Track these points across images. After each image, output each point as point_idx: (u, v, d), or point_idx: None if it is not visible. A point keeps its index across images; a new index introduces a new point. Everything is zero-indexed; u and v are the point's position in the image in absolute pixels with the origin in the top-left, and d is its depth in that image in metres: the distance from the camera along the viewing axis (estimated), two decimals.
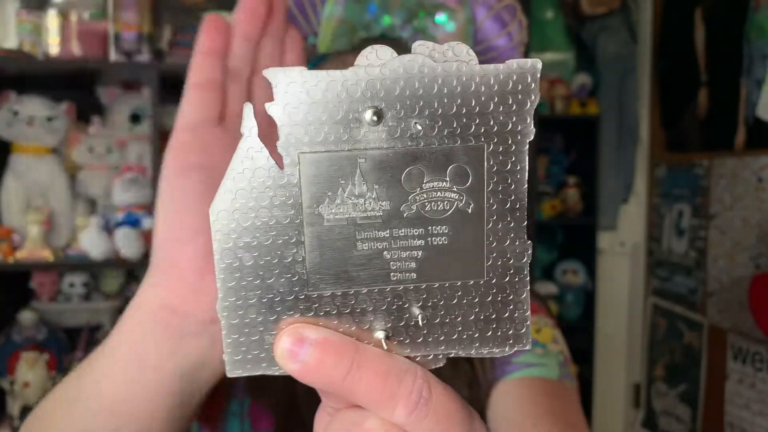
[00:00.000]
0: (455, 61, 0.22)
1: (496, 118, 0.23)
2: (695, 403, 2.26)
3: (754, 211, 1.95)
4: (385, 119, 0.22)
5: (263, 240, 0.23)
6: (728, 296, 2.08)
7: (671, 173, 2.40)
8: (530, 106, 0.23)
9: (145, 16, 1.67)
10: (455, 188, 0.23)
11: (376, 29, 0.62)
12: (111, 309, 1.91)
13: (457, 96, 0.22)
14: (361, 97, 0.22)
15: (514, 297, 0.25)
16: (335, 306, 0.24)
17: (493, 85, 0.23)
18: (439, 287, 0.24)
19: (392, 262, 0.23)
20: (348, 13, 0.61)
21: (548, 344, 0.69)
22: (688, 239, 2.29)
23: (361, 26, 0.62)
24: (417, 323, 0.24)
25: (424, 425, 0.23)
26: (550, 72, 2.49)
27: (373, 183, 0.23)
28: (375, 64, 0.22)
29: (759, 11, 1.91)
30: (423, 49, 0.22)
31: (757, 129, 1.93)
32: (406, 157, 0.23)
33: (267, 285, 0.23)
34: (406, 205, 0.23)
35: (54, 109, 1.74)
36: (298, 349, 0.23)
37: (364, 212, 0.23)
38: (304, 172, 0.22)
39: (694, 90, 2.25)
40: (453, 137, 0.23)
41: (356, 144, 0.22)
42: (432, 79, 0.22)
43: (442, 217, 0.23)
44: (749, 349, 1.97)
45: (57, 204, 1.74)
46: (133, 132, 1.85)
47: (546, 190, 2.45)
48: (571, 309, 2.43)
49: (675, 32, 2.39)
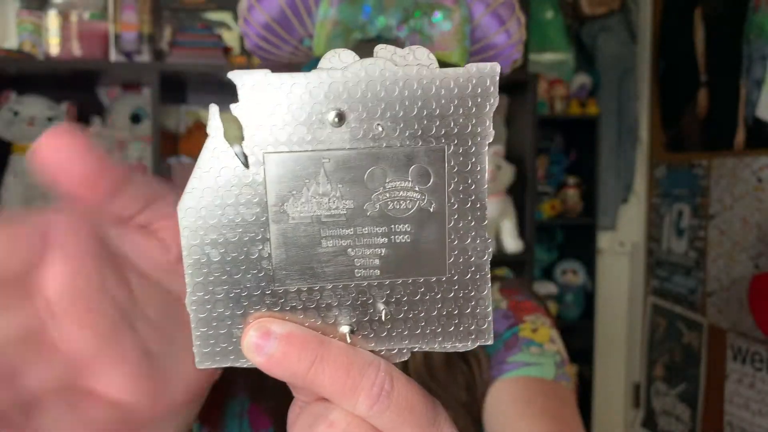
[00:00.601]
0: (416, 65, 0.23)
1: (457, 120, 0.24)
2: (695, 403, 2.26)
3: (754, 211, 1.95)
4: (347, 121, 0.23)
5: (230, 237, 0.23)
6: (728, 296, 2.08)
7: (671, 173, 2.41)
8: (489, 109, 0.24)
9: (145, 16, 1.67)
10: (417, 188, 0.24)
11: (371, 30, 0.62)
12: None
13: (418, 99, 0.23)
14: (324, 100, 0.22)
15: (476, 293, 0.25)
16: (301, 301, 0.24)
17: (453, 89, 0.23)
18: (402, 283, 0.25)
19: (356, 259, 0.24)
20: (342, 15, 0.60)
21: (545, 344, 0.69)
22: (688, 239, 2.29)
23: (356, 28, 0.61)
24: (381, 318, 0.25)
25: (386, 417, 0.24)
26: (550, 72, 2.49)
27: (336, 182, 0.23)
28: (338, 67, 0.22)
29: (758, 11, 1.92)
30: (385, 52, 0.23)
31: (756, 129, 1.93)
32: (369, 157, 0.23)
33: (234, 280, 0.24)
34: (370, 203, 0.24)
35: (54, 110, 1.74)
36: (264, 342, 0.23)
37: (329, 210, 0.23)
38: (269, 171, 0.23)
39: (693, 90, 2.25)
40: (414, 139, 0.23)
41: (320, 144, 0.23)
42: (393, 82, 0.23)
43: (404, 216, 0.24)
44: (749, 349, 1.98)
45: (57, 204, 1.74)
46: (134, 132, 1.85)
47: (546, 190, 2.45)
48: (571, 309, 2.43)
49: (675, 32, 2.39)
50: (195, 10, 1.97)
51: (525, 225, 1.82)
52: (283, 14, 0.63)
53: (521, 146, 1.86)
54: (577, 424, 0.61)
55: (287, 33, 0.64)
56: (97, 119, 1.87)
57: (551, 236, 2.58)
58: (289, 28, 0.64)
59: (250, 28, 0.65)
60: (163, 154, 1.66)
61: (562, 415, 0.61)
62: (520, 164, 1.83)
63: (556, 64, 2.54)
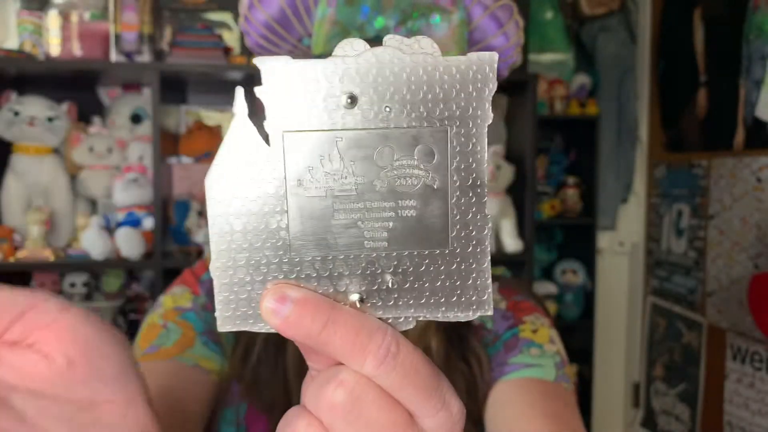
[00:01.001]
0: (421, 53, 0.25)
1: (458, 104, 0.25)
2: (694, 403, 2.26)
3: (753, 211, 1.95)
4: (359, 103, 0.25)
5: (252, 208, 0.25)
6: (727, 296, 2.08)
7: (670, 173, 2.41)
8: (488, 94, 0.25)
9: (146, 16, 1.67)
10: (422, 166, 0.26)
11: (369, 30, 0.62)
12: (112, 309, 1.92)
13: (423, 84, 0.25)
14: (338, 84, 0.25)
15: (477, 266, 0.27)
16: (315, 269, 0.26)
17: (455, 75, 0.25)
18: (408, 255, 0.26)
19: (366, 232, 0.26)
20: (340, 15, 0.61)
21: (545, 345, 0.69)
22: (687, 239, 2.29)
23: (354, 28, 0.61)
24: (388, 288, 0.27)
25: (392, 377, 0.26)
26: (550, 72, 2.49)
27: (349, 160, 0.25)
28: (350, 54, 0.24)
29: (758, 12, 1.92)
30: (393, 41, 0.25)
31: (756, 129, 1.94)
32: (379, 137, 0.25)
33: (254, 249, 0.26)
34: (379, 180, 0.26)
35: (55, 110, 1.74)
36: (280, 306, 0.25)
37: (341, 186, 0.25)
38: (287, 149, 0.25)
39: (693, 90, 2.26)
40: (420, 120, 0.25)
41: (334, 125, 0.25)
42: (401, 68, 0.25)
43: (410, 192, 0.26)
44: (748, 349, 1.98)
45: (58, 204, 1.74)
46: (134, 132, 1.85)
47: (545, 190, 2.45)
48: (571, 309, 2.44)
49: (674, 33, 2.40)
50: (195, 10, 1.97)
51: (525, 225, 1.82)
52: (283, 13, 0.63)
53: (521, 146, 1.86)
54: (578, 425, 0.61)
55: (287, 32, 0.65)
56: (98, 119, 1.87)
57: (551, 236, 2.58)
58: (289, 27, 0.64)
59: (251, 27, 0.65)
60: (163, 154, 1.66)
61: (564, 416, 0.61)
62: (520, 164, 1.84)
63: (556, 65, 2.54)
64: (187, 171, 1.80)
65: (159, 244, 1.63)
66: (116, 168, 1.79)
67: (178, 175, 1.79)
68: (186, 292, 0.70)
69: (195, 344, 0.65)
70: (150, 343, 0.65)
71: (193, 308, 0.68)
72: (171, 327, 0.66)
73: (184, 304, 0.68)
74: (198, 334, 0.66)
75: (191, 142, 1.81)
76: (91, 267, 1.87)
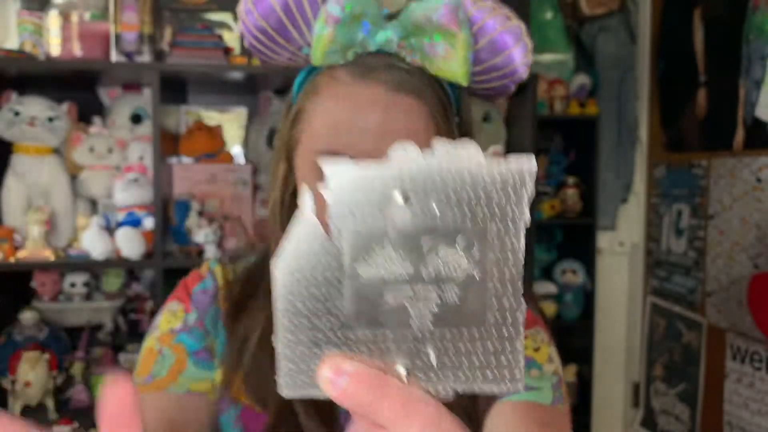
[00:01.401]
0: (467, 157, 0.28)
1: (498, 205, 0.29)
2: (694, 403, 2.26)
3: (753, 211, 1.96)
4: (410, 201, 0.28)
5: (314, 291, 0.29)
6: (727, 296, 2.08)
7: (670, 173, 2.41)
8: (526, 197, 0.29)
9: (146, 17, 1.68)
10: (465, 258, 0.29)
11: (371, 45, 0.62)
12: (112, 308, 1.92)
13: (468, 186, 0.28)
14: (391, 184, 0.28)
15: (511, 347, 0.30)
16: (366, 345, 0.30)
17: (496, 178, 0.28)
18: (450, 334, 0.30)
19: (413, 312, 0.29)
20: (339, 36, 0.61)
21: (544, 365, 0.71)
22: (687, 239, 2.30)
23: (354, 44, 0.62)
24: (431, 363, 0.30)
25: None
26: (550, 72, 2.50)
27: (399, 249, 0.29)
28: (404, 159, 0.28)
29: (758, 12, 1.92)
30: (441, 147, 0.28)
31: (755, 129, 1.94)
32: (426, 230, 0.29)
33: (314, 326, 0.30)
34: (425, 268, 0.29)
35: (55, 110, 1.74)
36: (337, 378, 0.28)
37: (392, 272, 0.29)
38: (345, 241, 0.29)
39: (692, 90, 2.26)
40: (464, 218, 0.29)
41: (388, 220, 0.29)
42: (447, 171, 0.28)
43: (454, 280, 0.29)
44: (748, 349, 1.98)
45: (58, 204, 1.74)
46: (134, 132, 1.85)
47: (545, 190, 2.46)
48: (571, 309, 2.44)
49: (674, 33, 2.40)
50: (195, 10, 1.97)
51: None
52: (280, 22, 0.63)
53: (521, 146, 1.87)
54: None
55: (285, 40, 0.64)
56: (98, 119, 1.87)
57: (551, 236, 2.58)
58: (287, 36, 0.64)
59: (247, 30, 0.65)
60: (164, 154, 1.67)
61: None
62: None
63: (556, 65, 2.54)
64: (188, 171, 1.80)
65: (159, 244, 1.63)
66: (116, 168, 1.79)
67: (178, 175, 1.79)
68: (179, 310, 0.73)
69: (187, 367, 0.69)
70: (148, 372, 0.69)
71: (185, 328, 0.71)
72: (166, 353, 0.69)
73: (177, 325, 0.71)
74: (190, 354, 0.69)
75: (191, 142, 1.81)
76: (91, 267, 1.87)
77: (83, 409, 1.76)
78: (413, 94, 0.62)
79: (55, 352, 1.74)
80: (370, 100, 0.61)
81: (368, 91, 0.61)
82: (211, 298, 0.73)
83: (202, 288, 0.74)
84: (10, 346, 1.71)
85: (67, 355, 1.78)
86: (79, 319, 1.89)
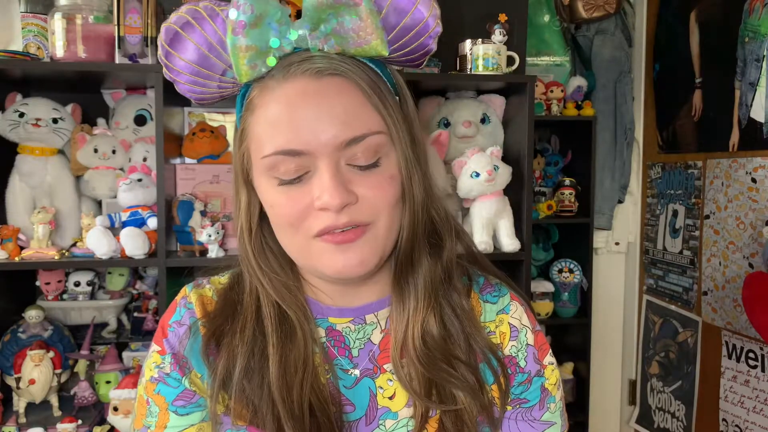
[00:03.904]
0: None
1: None
2: (690, 400, 2.28)
3: (748, 210, 1.98)
4: None
5: None
6: (722, 295, 2.10)
7: (666, 174, 2.43)
8: None
9: (150, 19, 1.69)
10: None
11: (287, 45, 0.63)
12: (116, 307, 1.94)
13: None
14: None
15: None
16: None
17: None
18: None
19: None
20: (250, 40, 0.61)
21: (556, 394, 0.76)
22: (683, 239, 2.32)
23: (269, 48, 0.62)
24: None
25: None
26: (547, 75, 2.52)
27: None
28: None
29: (753, 14, 1.94)
30: None
31: (750, 130, 1.96)
32: None
33: None
34: None
35: (60, 111, 1.76)
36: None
37: None
38: None
39: (688, 92, 2.28)
40: None
41: None
42: None
43: None
44: (743, 347, 2.00)
45: (63, 204, 1.76)
46: (138, 133, 1.87)
47: (542, 191, 2.48)
48: (567, 307, 2.46)
49: (670, 35, 2.42)
50: None
51: (522, 224, 1.84)
52: (200, 54, 0.64)
53: (518, 147, 1.89)
54: None
55: (209, 70, 0.65)
56: (102, 121, 1.89)
57: (548, 236, 2.61)
58: (210, 65, 0.65)
59: (176, 74, 0.66)
60: (167, 155, 1.68)
61: None
62: (517, 165, 1.86)
63: (553, 67, 2.57)
64: (191, 171, 1.82)
65: (163, 243, 1.65)
66: (121, 169, 1.81)
67: (181, 175, 1.81)
68: (156, 354, 0.71)
69: (170, 420, 0.69)
70: (142, 424, 0.70)
71: (160, 378, 0.70)
72: (152, 405, 0.70)
73: (155, 374, 0.70)
74: (169, 404, 0.69)
75: (194, 143, 1.83)
76: (95, 266, 1.89)
77: (87, 406, 1.78)
78: (339, 75, 0.62)
79: (59, 350, 1.76)
80: (299, 91, 0.61)
81: (295, 85, 0.62)
82: (186, 329, 0.71)
83: (177, 320, 0.72)
84: (15, 344, 1.73)
85: (71, 353, 1.80)
86: (84, 317, 1.91)
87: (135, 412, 0.72)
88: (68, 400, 1.79)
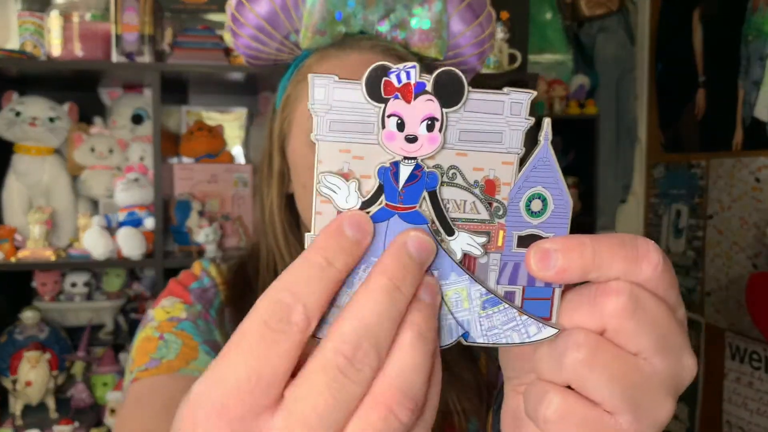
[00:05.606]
0: None
1: None
2: (693, 402, 2.27)
3: (752, 210, 1.96)
4: None
5: None
6: (725, 295, 2.09)
7: (669, 173, 2.42)
8: None
9: (147, 17, 1.68)
10: None
11: (354, 25, 0.63)
12: (113, 308, 1.92)
13: None
14: None
15: None
16: None
17: None
18: None
19: None
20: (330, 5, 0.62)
21: None
22: (686, 239, 2.30)
23: (341, 20, 0.63)
24: None
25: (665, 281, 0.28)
26: (549, 73, 2.50)
27: None
28: None
29: (757, 12, 1.93)
30: None
31: (754, 129, 1.94)
32: None
33: None
34: None
35: (56, 110, 1.75)
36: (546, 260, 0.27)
37: None
38: None
39: (691, 91, 2.27)
40: None
41: None
42: None
43: None
44: (747, 348, 1.99)
45: (59, 204, 1.75)
46: (135, 132, 1.86)
47: None
48: None
49: (673, 33, 2.40)
50: (196, 11, 1.98)
51: None
52: (272, 11, 0.64)
53: None
54: None
55: (275, 29, 0.65)
56: (99, 119, 1.88)
57: None
58: (277, 24, 0.65)
59: (240, 27, 0.65)
60: (164, 154, 1.67)
61: None
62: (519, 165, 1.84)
63: (555, 65, 2.55)
64: (188, 171, 1.81)
65: (160, 243, 1.64)
66: (117, 168, 1.80)
67: (179, 175, 1.79)
68: (177, 303, 0.69)
69: (199, 355, 0.64)
70: (150, 357, 0.62)
71: (189, 318, 0.67)
72: (169, 338, 0.64)
73: (179, 314, 0.67)
74: (199, 343, 0.65)
75: (192, 142, 1.82)
76: (92, 267, 1.87)
77: (84, 408, 1.76)
78: (399, 59, 0.62)
79: (55, 352, 1.74)
80: (362, 61, 0.61)
81: (359, 56, 0.62)
82: (212, 294, 0.71)
83: (200, 286, 0.72)
84: (11, 345, 1.71)
85: (67, 354, 1.79)
86: (80, 318, 1.89)
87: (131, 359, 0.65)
88: (65, 402, 1.78)
